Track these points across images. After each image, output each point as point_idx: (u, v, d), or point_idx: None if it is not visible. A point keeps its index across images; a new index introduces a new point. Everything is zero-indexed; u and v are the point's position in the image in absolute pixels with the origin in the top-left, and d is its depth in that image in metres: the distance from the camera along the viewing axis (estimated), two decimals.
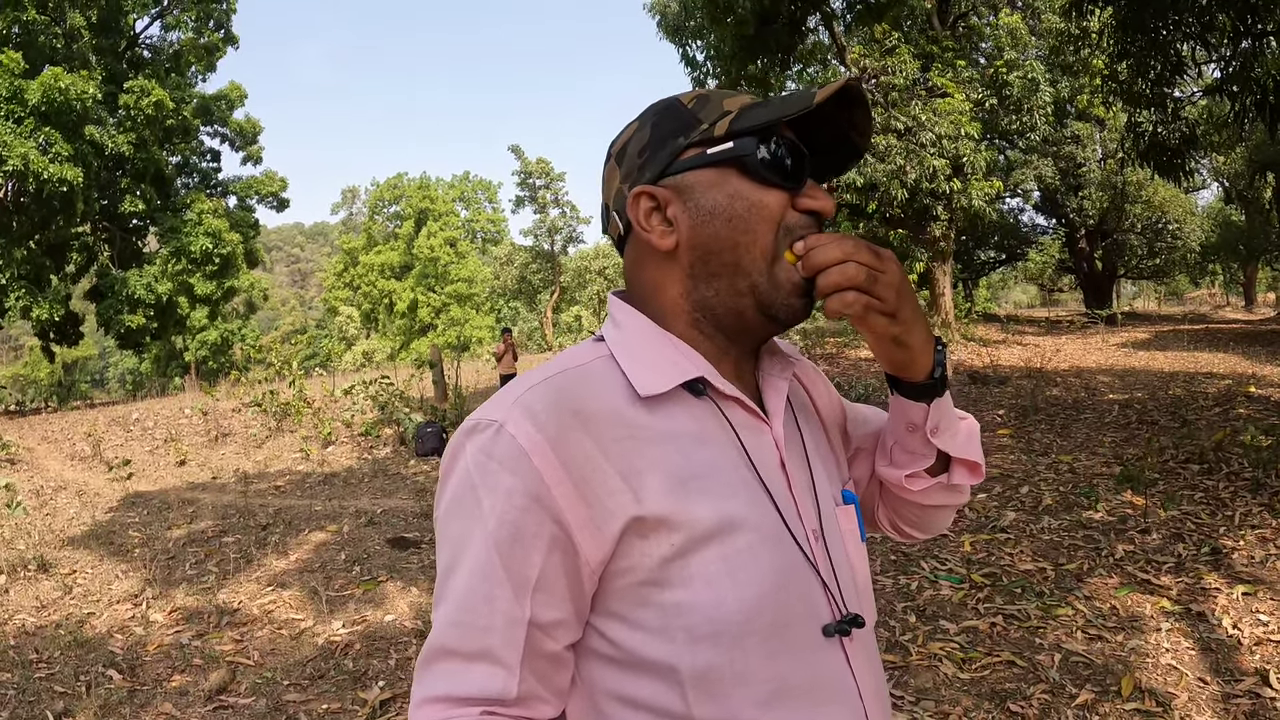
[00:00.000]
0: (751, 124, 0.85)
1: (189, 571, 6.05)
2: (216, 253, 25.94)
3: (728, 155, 0.86)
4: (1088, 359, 15.60)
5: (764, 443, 0.89)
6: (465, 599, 0.81)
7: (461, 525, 0.82)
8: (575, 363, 0.88)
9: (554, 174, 49.17)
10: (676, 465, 0.82)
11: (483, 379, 18.20)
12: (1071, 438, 8.13)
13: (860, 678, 0.88)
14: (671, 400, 0.86)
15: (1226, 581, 4.21)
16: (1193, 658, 3.54)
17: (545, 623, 0.81)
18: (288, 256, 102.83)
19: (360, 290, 51.03)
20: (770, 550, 0.84)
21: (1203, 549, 4.68)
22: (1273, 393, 9.84)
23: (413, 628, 4.66)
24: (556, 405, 0.82)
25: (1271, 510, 5.16)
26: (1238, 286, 39.04)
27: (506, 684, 0.80)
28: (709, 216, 0.86)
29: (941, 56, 17.82)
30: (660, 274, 0.91)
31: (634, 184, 0.90)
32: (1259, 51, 9.35)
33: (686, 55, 16.92)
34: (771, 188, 0.86)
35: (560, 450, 0.79)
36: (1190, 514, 5.29)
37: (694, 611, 0.80)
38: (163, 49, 27.35)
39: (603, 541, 0.80)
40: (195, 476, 10.22)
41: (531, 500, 0.79)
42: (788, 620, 0.83)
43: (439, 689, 0.81)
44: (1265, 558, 4.46)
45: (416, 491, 8.45)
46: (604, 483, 0.80)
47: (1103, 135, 24.02)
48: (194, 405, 14.09)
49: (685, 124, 0.88)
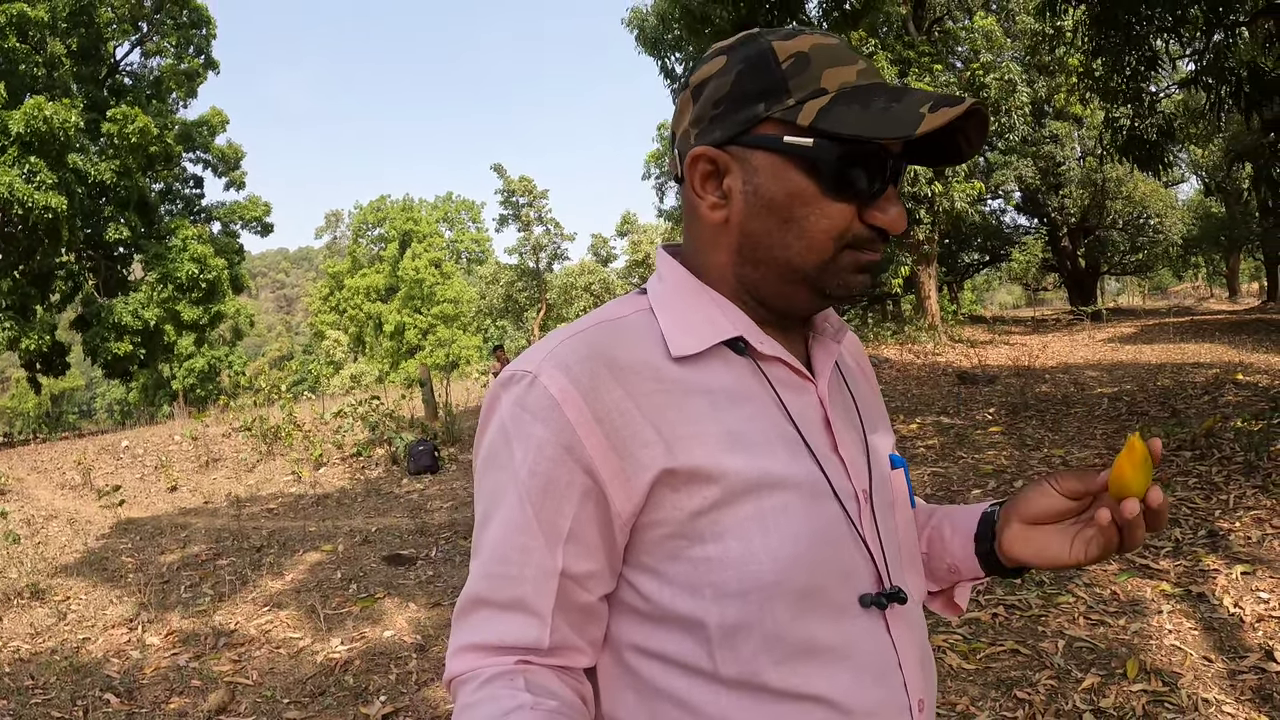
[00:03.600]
0: (840, 130, 0.77)
1: (184, 595, 6.00)
2: (202, 279, 25.85)
3: (803, 152, 0.79)
4: (1075, 355, 15.67)
5: (808, 401, 0.86)
6: (499, 549, 0.81)
7: (496, 477, 0.82)
8: (613, 315, 0.86)
9: (537, 191, 49.21)
10: (711, 419, 0.80)
11: (472, 397, 18.13)
12: (1063, 431, 8.15)
13: (902, 649, 0.85)
14: (710, 356, 0.84)
15: (1225, 562, 4.22)
16: (1196, 637, 3.55)
17: (578, 574, 0.80)
18: (273, 282, 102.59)
19: (347, 314, 50.90)
20: (809, 509, 0.81)
21: (1199, 532, 4.69)
22: (1260, 379, 9.91)
23: (412, 643, 4.63)
24: (590, 357, 0.80)
25: (1266, 491, 5.18)
26: (1221, 278, 39.30)
27: (540, 634, 0.80)
28: (765, 208, 0.82)
29: (918, 61, 17.96)
30: (710, 238, 0.87)
31: (700, 137, 0.84)
32: (1232, 42, 9.46)
33: (665, 68, 16.98)
34: (841, 199, 0.80)
35: (593, 401, 0.78)
36: (1185, 499, 5.30)
37: (724, 567, 0.78)
38: (144, 75, 27.40)
39: (633, 493, 0.79)
40: (187, 502, 10.14)
41: (563, 451, 0.78)
42: (823, 584, 0.81)
43: (474, 637, 0.82)
44: (1262, 537, 4.47)
45: (410, 509, 8.41)
46: (636, 434, 0.78)
47: (1081, 133, 24.23)
48: (184, 431, 13.98)
49: (771, 89, 0.80)
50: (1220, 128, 17.90)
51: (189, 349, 26.47)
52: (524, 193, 48.81)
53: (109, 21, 25.03)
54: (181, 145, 28.02)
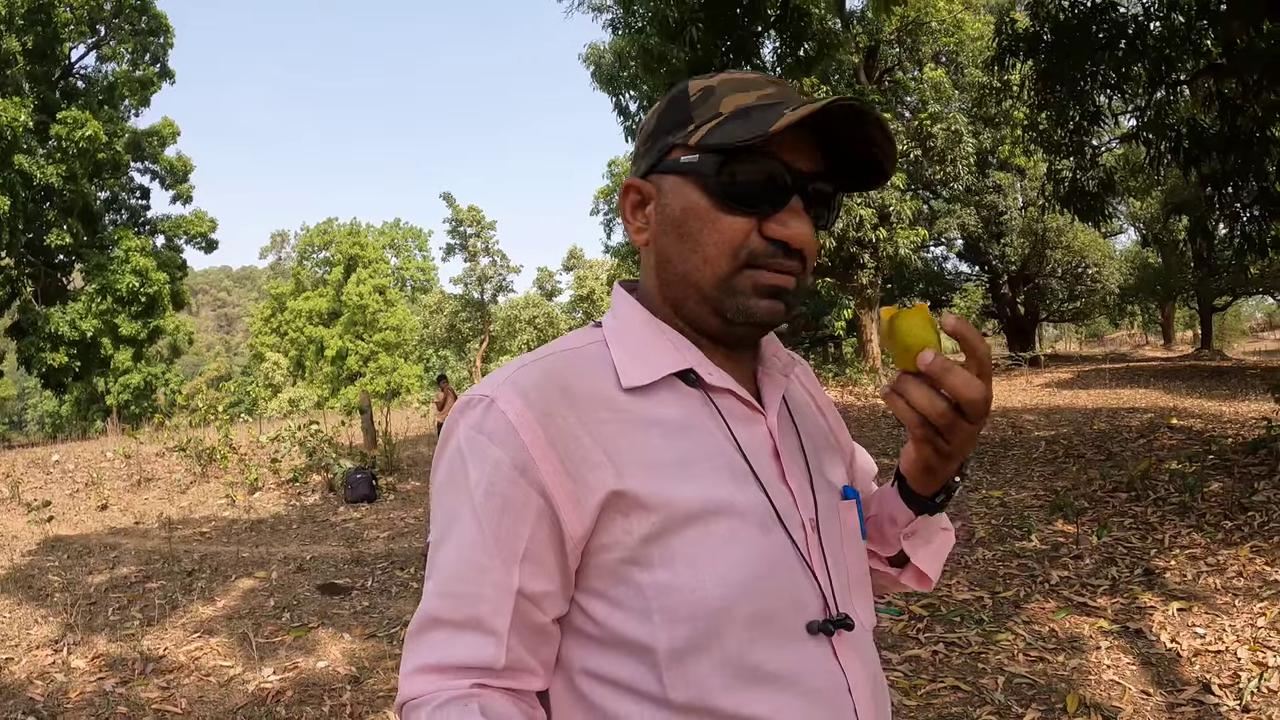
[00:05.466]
0: (720, 141, 0.82)
1: (112, 618, 5.78)
2: (143, 292, 25.23)
3: (691, 167, 0.84)
4: (1013, 399, 16.00)
5: (756, 432, 0.88)
6: (455, 569, 0.81)
7: (452, 498, 0.83)
8: (569, 346, 0.89)
9: (485, 222, 49.15)
10: (660, 448, 0.82)
11: (412, 426, 17.90)
12: (1001, 473, 8.30)
13: (852, 676, 0.85)
14: (661, 387, 0.86)
15: (1161, 599, 4.31)
16: (1134, 672, 3.61)
17: (534, 593, 0.80)
18: (214, 300, 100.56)
19: (288, 336, 50.08)
20: (756, 537, 0.82)
21: (1135, 570, 4.80)
22: (1194, 423, 10.21)
23: (346, 675, 4.50)
24: (545, 384, 0.82)
25: (1200, 530, 5.33)
26: (1156, 325, 40.57)
27: (495, 652, 0.80)
28: (668, 225, 0.87)
29: None
30: (644, 264, 0.93)
31: (631, 172, 0.92)
32: (1173, 99, 9.84)
33: (620, 104, 17.03)
34: (733, 212, 0.83)
35: (547, 426, 0.80)
36: (1121, 539, 5.43)
37: (673, 593, 0.79)
38: (97, 80, 26.79)
39: (584, 515, 0.80)
40: (117, 521, 9.84)
41: (519, 472, 0.79)
42: (770, 611, 0.82)
43: (429, 658, 0.81)
44: (1197, 575, 4.59)
45: (346, 538, 8.25)
46: (587, 458, 0.80)
47: (1023, 184, 24.94)
48: (117, 448, 13.59)
49: (680, 120, 0.86)
50: (1159, 181, 18.59)
51: (126, 364, 25.77)
52: (472, 223, 48.74)
53: (66, 22, 24.46)
54: (130, 154, 27.44)
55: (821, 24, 14.50)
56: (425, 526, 8.34)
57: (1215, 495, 6.00)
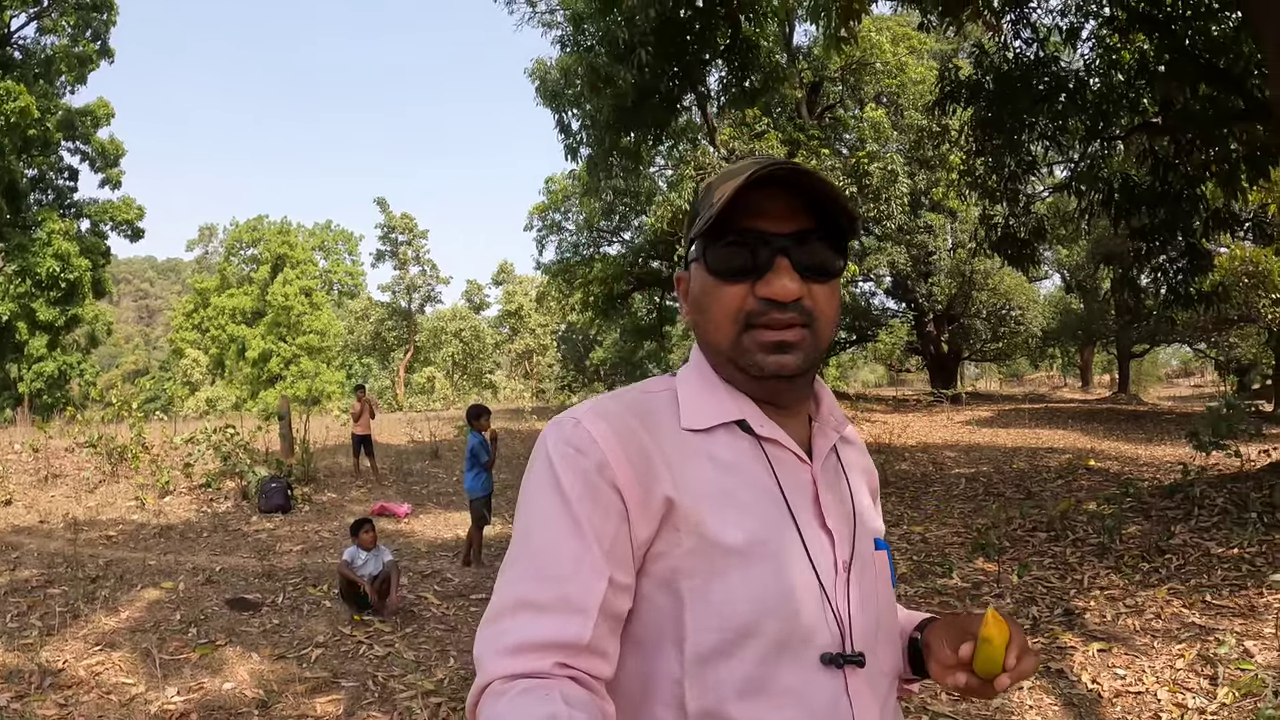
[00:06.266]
0: (700, 228, 0.97)
1: (9, 625, 5.49)
2: (63, 277, 24.34)
3: (695, 255, 1.01)
4: (934, 435, 16.34)
5: (800, 479, 0.99)
6: (548, 556, 0.89)
7: (544, 499, 0.92)
8: (646, 389, 1.04)
9: (417, 230, 48.68)
10: (711, 479, 0.94)
11: (332, 435, 17.50)
12: (922, 509, 8.44)
13: (859, 709, 0.93)
14: (720, 431, 0.98)
15: (1081, 640, 4.40)
16: (1056, 713, 3.66)
17: (619, 583, 0.89)
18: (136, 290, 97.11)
19: (209, 333, 48.71)
20: (787, 571, 0.92)
21: (1056, 610, 4.89)
22: (1111, 465, 10.54)
23: (254, 697, 4.33)
24: (623, 413, 0.97)
25: (1118, 571, 5.47)
26: (1075, 368, 41.92)
27: (582, 628, 0.85)
28: (694, 305, 1.03)
29: (807, 144, 18.70)
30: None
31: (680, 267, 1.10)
32: (1107, 153, 10.19)
33: (562, 122, 16.99)
34: (728, 283, 0.96)
35: (624, 442, 0.93)
36: (1041, 579, 5.53)
37: (706, 606, 0.89)
38: (35, 52, 25.84)
39: (650, 521, 0.91)
40: (20, 519, 9.40)
41: (602, 477, 0.90)
42: (789, 638, 0.91)
43: (510, 639, 0.85)
44: (1116, 615, 4.69)
45: (258, 550, 8.01)
46: (653, 471, 0.92)
47: (955, 226, 25.59)
48: (24, 441, 13.07)
49: (693, 216, 1.03)
50: (1087, 231, 19.24)
51: (41, 350, 24.79)
52: (405, 230, 48.19)
53: None
54: (62, 132, 26.48)
55: (769, 57, 14.71)
56: (339, 541, 8.13)
57: (1133, 537, 6.18)
